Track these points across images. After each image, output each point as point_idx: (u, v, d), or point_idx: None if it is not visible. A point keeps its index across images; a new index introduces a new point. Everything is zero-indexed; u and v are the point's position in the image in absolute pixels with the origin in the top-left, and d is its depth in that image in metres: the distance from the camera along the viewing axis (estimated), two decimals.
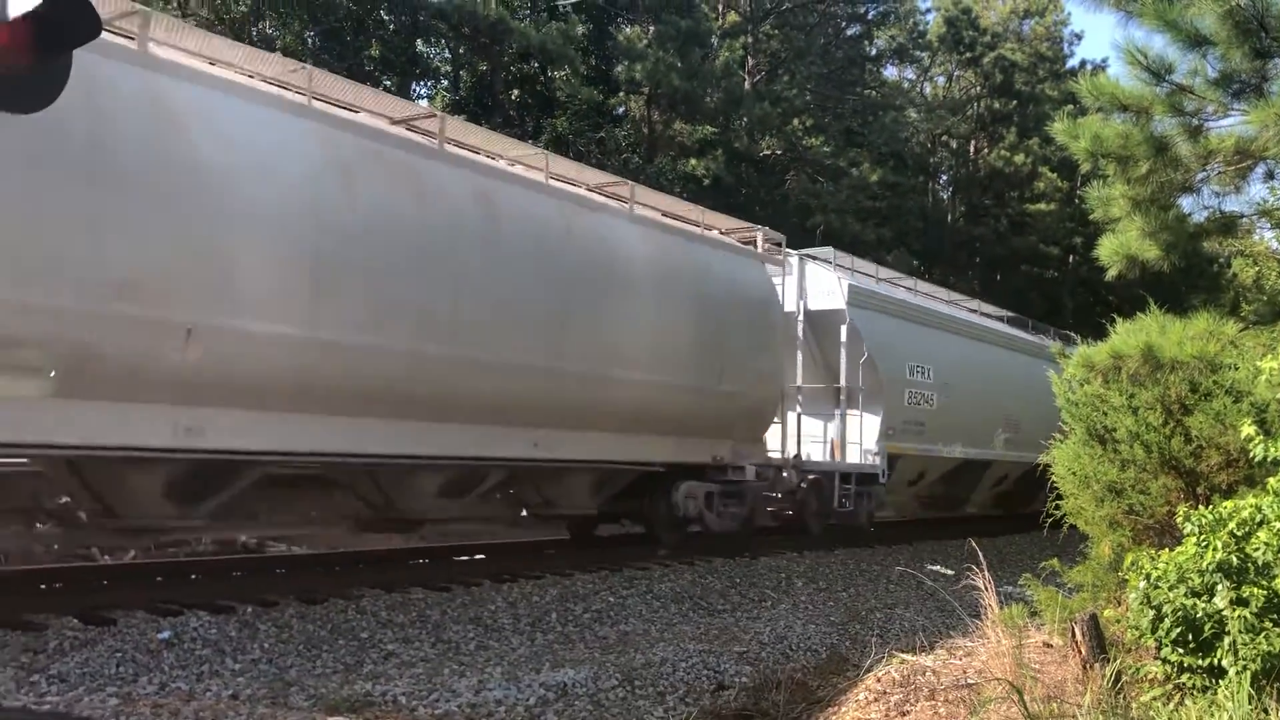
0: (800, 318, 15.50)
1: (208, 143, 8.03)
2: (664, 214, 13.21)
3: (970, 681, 6.71)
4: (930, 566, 7.35)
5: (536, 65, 29.05)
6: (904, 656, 7.46)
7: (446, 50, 29.65)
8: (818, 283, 15.65)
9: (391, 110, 10.29)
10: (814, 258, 16.21)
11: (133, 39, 7.98)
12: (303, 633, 7.81)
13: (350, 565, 10.83)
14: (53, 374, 7.09)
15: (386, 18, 27.31)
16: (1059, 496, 8.47)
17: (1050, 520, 8.55)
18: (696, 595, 10.90)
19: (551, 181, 11.45)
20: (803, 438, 15.20)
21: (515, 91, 29.82)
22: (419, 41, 28.59)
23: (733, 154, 30.97)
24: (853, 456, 15.53)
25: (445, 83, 29.85)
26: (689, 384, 12.45)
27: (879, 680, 7.00)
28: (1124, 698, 5.80)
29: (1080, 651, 6.27)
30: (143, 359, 7.55)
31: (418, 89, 29.13)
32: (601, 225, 11.71)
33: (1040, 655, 7.17)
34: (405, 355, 9.20)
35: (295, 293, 8.43)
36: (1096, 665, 6.07)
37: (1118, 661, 6.07)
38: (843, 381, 15.46)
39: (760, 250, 14.55)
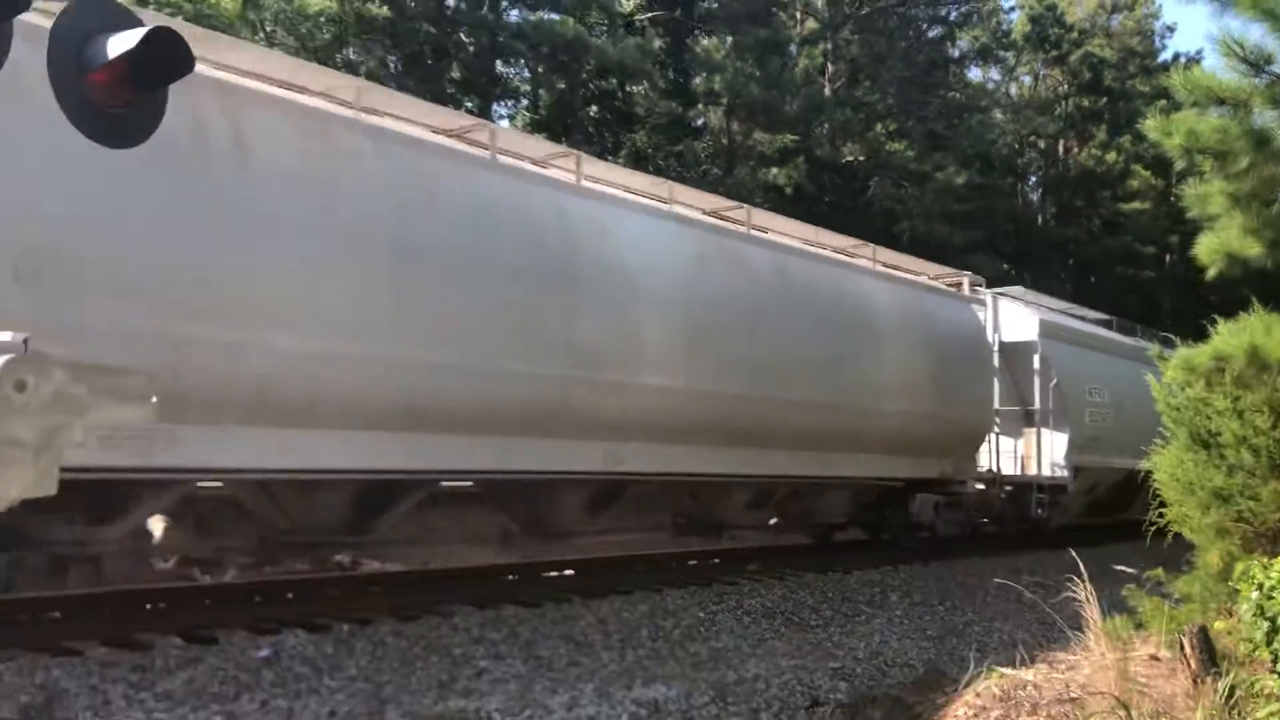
0: (995, 348, 17.40)
1: (622, 247, 10.63)
2: (886, 265, 15.43)
3: (1073, 696, 6.53)
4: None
5: (614, 81, 29.22)
6: (1004, 671, 7.29)
7: (526, 70, 29.99)
8: (1010, 317, 17.80)
9: (703, 202, 12.97)
10: (1006, 294, 18.58)
11: (573, 173, 10.70)
12: (397, 650, 7.90)
13: (441, 582, 10.94)
14: (541, 422, 9.75)
15: (466, 40, 27.74)
16: (1161, 504, 8.22)
17: (1153, 528, 8.29)
18: (788, 610, 10.78)
19: (818, 250, 14.06)
20: (1000, 454, 17.22)
21: (594, 108, 30.03)
22: (498, 62, 28.97)
23: (814, 162, 30.78)
24: (1044, 470, 17.42)
25: (525, 102, 30.19)
26: (925, 411, 14.56)
27: (978, 695, 6.85)
28: (1238, 713, 5.59)
29: (1190, 665, 6.06)
30: (594, 408, 10.16)
31: (498, 109, 29.53)
32: (858, 282, 14.26)
33: (1147, 669, 6.95)
34: (738, 397, 11.59)
35: (675, 354, 11.02)
36: (1208, 679, 5.86)
37: (1230, 675, 5.85)
38: (1036, 404, 17.43)
39: (967, 292, 16.92)
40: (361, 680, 7.18)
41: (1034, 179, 43.33)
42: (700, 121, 32.59)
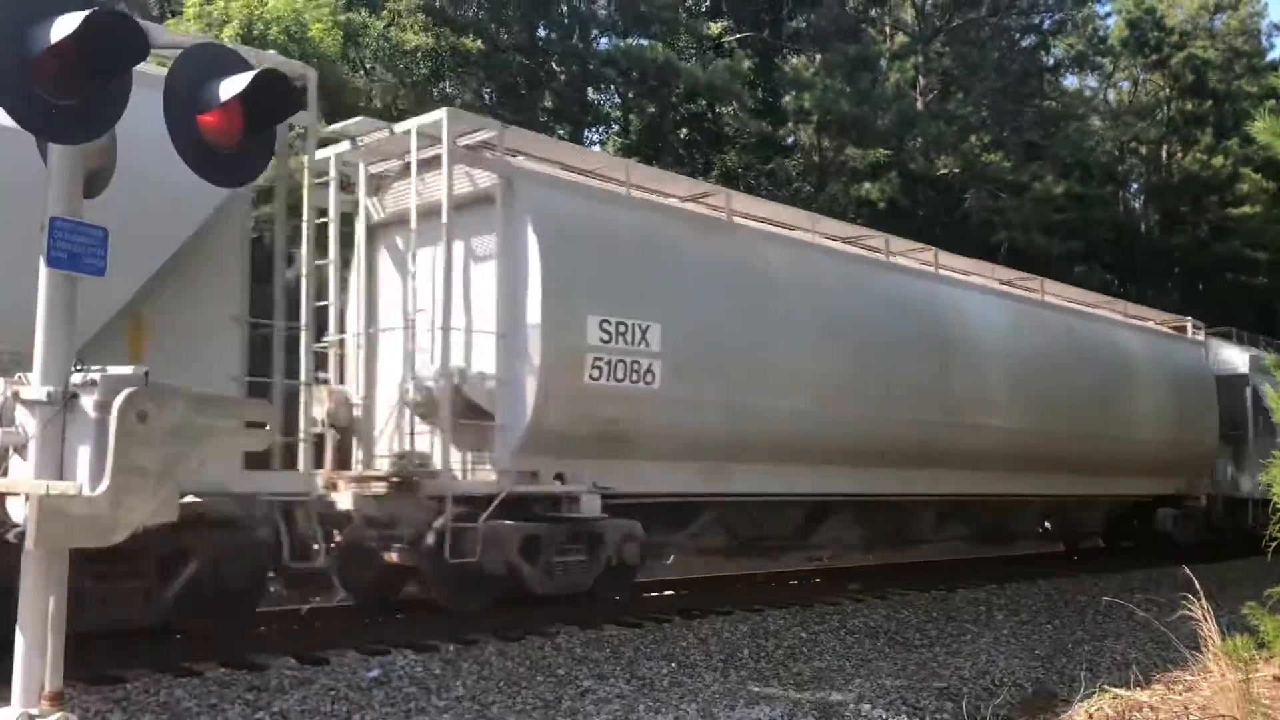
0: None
1: (969, 320, 14.09)
2: (1130, 315, 18.87)
3: (1192, 718, 6.33)
4: None
5: (704, 103, 29.29)
6: (1117, 691, 7.10)
7: (616, 95, 30.24)
8: (1222, 355, 20.98)
9: (1000, 274, 16.26)
10: (1216, 334, 21.53)
11: (931, 265, 14.29)
12: (502, 670, 8.01)
13: (544, 603, 11.05)
14: (927, 456, 13.15)
15: (558, 69, 28.10)
16: None
17: (1275, 544, 8.00)
18: (891, 630, 10.65)
19: (1088, 308, 17.67)
20: (1216, 473, 20.13)
21: (684, 130, 30.13)
22: (589, 90, 29.26)
23: (908, 176, 30.39)
24: (1255, 487, 19.13)
25: (616, 128, 30.43)
26: (1168, 438, 17.77)
27: (1090, 716, 6.69)
28: None
29: None
30: (957, 444, 13.56)
31: (590, 135, 29.81)
32: (1117, 334, 17.79)
33: (1270, 690, 6.70)
34: (1044, 433, 14.88)
35: (1005, 400, 14.22)
36: None
37: None
38: (1249, 429, 20.07)
39: (1190, 334, 20.18)
40: (468, 700, 7.29)
41: (1135, 186, 42.14)
42: (790, 139, 32.47)
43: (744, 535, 12.28)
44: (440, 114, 9.72)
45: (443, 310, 9.52)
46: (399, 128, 10.06)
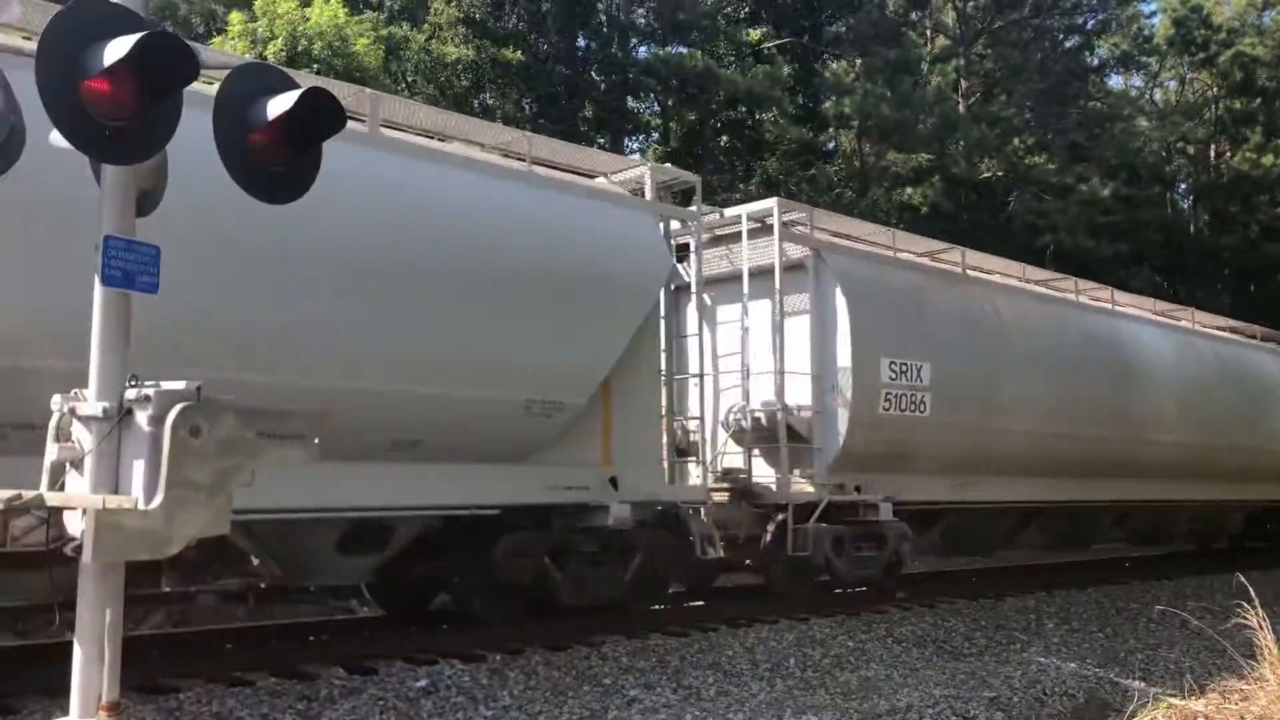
0: None
1: (1141, 348, 16.19)
2: (1255, 335, 20.59)
3: None
4: None
5: (744, 110, 29.27)
6: (1171, 700, 7.00)
7: (656, 104, 30.31)
8: None
9: (1159, 307, 18.09)
10: None
11: (1109, 302, 16.44)
12: (549, 679, 8.04)
13: (589, 613, 11.06)
14: (1108, 467, 15.01)
15: (598, 78, 28.21)
16: None
17: None
18: (939, 638, 10.55)
19: (1229, 334, 19.61)
20: None
21: (724, 137, 30.13)
22: (629, 98, 29.34)
23: (950, 180, 30.19)
24: None
25: (656, 135, 30.49)
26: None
27: None
28: None
29: None
30: (1136, 457, 15.63)
31: (630, 144, 29.89)
32: (1253, 355, 19.79)
33: None
34: (1202, 446, 16.82)
35: (1173, 418, 16.13)
36: None
37: None
38: None
39: None
40: (515, 710, 7.33)
41: (1184, 187, 41.51)
42: (831, 145, 32.35)
43: (965, 536, 14.37)
44: (771, 203, 12.11)
45: (777, 357, 11.83)
46: (730, 211, 12.42)
